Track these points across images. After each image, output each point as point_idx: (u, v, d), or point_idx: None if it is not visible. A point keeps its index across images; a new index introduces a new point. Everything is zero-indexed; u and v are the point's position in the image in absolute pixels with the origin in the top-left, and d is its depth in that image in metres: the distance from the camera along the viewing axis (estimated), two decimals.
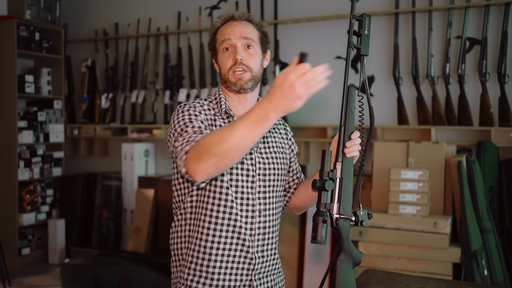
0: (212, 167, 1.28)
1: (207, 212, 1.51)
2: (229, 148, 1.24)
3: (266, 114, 1.20)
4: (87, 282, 3.36)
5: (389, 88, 3.89)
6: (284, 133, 1.72)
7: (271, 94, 1.19)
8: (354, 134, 1.42)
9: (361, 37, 1.40)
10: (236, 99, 1.60)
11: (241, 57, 1.54)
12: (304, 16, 4.16)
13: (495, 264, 3.06)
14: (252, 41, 1.57)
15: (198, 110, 1.52)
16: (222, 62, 1.57)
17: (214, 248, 1.51)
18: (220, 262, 1.52)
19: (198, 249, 1.52)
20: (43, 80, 4.96)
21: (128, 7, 5.07)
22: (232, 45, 1.56)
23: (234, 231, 1.52)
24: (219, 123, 1.55)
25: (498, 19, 3.50)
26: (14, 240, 4.60)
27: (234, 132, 1.23)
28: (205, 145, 1.28)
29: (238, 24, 1.58)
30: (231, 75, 1.55)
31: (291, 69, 1.17)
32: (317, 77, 1.19)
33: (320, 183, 1.31)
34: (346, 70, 1.38)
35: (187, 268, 1.54)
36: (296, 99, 1.18)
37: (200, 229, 1.52)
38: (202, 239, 1.52)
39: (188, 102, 1.56)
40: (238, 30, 1.56)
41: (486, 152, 3.33)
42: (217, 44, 1.60)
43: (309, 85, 1.18)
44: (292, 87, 1.16)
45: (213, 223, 1.51)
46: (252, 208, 1.54)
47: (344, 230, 1.36)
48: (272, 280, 1.63)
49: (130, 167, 4.70)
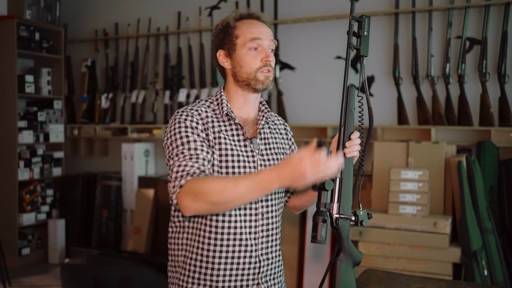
0: (204, 211, 1.37)
1: (207, 222, 1.49)
2: (227, 201, 1.33)
3: (271, 184, 1.29)
4: (87, 282, 3.36)
5: (389, 88, 3.89)
6: (285, 133, 1.71)
7: (281, 169, 1.28)
8: (354, 134, 1.42)
9: (361, 38, 1.41)
10: (242, 99, 1.58)
11: (272, 59, 1.55)
12: (304, 16, 4.16)
13: (495, 264, 3.06)
14: (274, 45, 1.58)
15: (195, 120, 1.49)
16: (248, 61, 1.54)
17: (216, 257, 1.49)
18: (224, 270, 1.50)
19: (200, 258, 1.50)
20: (43, 80, 4.96)
21: (128, 7, 5.07)
22: (261, 45, 1.54)
23: (235, 238, 1.50)
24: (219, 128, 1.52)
25: (498, 19, 3.50)
26: (14, 240, 4.60)
27: (236, 190, 1.31)
28: (204, 190, 1.34)
29: (263, 25, 1.58)
30: (260, 74, 1.53)
31: (308, 155, 1.25)
32: (328, 168, 1.27)
33: (320, 183, 1.32)
34: (345, 71, 1.38)
35: (190, 278, 1.51)
36: (302, 181, 1.27)
37: (201, 238, 1.50)
38: (203, 248, 1.50)
39: (186, 108, 1.53)
40: (267, 32, 1.56)
41: (486, 152, 3.33)
42: (240, 39, 1.55)
43: (319, 174, 1.26)
44: (303, 173, 1.25)
45: (213, 232, 1.49)
46: (255, 212, 1.52)
47: (344, 230, 1.36)
48: (279, 282, 1.62)
49: (130, 167, 4.70)
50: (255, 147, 1.55)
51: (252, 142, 1.55)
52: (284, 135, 1.71)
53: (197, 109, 1.53)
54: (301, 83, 4.23)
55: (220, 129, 1.53)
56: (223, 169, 1.49)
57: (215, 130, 1.51)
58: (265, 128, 1.62)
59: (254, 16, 1.58)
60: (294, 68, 4.26)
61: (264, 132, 1.61)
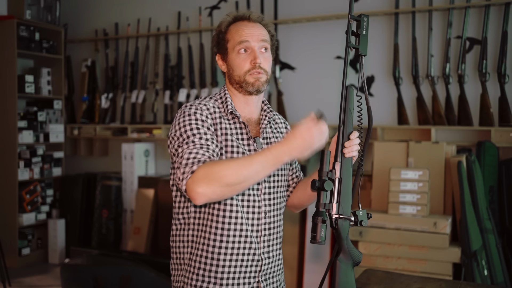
0: (218, 195, 1.33)
1: (213, 218, 1.50)
2: (242, 180, 1.33)
3: (282, 157, 1.33)
4: (87, 282, 3.36)
5: (389, 88, 3.88)
6: (286, 132, 1.71)
7: (291, 141, 1.33)
8: (353, 134, 1.42)
9: (360, 38, 1.40)
10: (243, 100, 1.58)
11: (260, 61, 1.52)
12: (304, 16, 4.16)
13: (495, 264, 3.06)
14: (268, 44, 1.55)
15: (205, 114, 1.49)
16: (238, 64, 1.54)
17: (222, 254, 1.50)
18: (229, 267, 1.51)
19: (206, 254, 1.51)
20: (43, 80, 4.95)
21: (128, 7, 5.07)
22: (250, 47, 1.53)
23: (241, 235, 1.51)
24: (225, 125, 1.52)
25: (498, 19, 3.50)
26: (14, 240, 4.60)
27: (251, 167, 1.32)
28: (218, 172, 1.31)
29: (254, 26, 1.55)
30: (249, 76, 1.52)
31: (314, 123, 1.35)
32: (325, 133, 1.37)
33: (319, 183, 1.32)
34: (344, 71, 1.38)
35: (195, 274, 1.52)
36: (309, 149, 1.35)
37: (207, 234, 1.51)
38: (209, 244, 1.50)
39: (194, 102, 1.52)
40: (256, 33, 1.54)
41: (486, 152, 3.33)
42: (230, 43, 1.55)
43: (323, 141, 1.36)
44: (312, 141, 1.34)
45: (219, 228, 1.49)
46: (258, 210, 1.53)
47: (343, 230, 1.35)
48: (278, 280, 1.63)
49: (130, 167, 4.70)
50: (258, 146, 1.56)
51: (256, 142, 1.56)
52: (286, 134, 1.71)
53: (205, 104, 1.53)
54: (301, 83, 4.23)
55: (226, 126, 1.53)
56: None
57: (222, 126, 1.52)
58: (268, 128, 1.63)
59: (244, 17, 1.57)
60: (294, 68, 4.26)
61: (266, 132, 1.62)
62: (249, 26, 1.55)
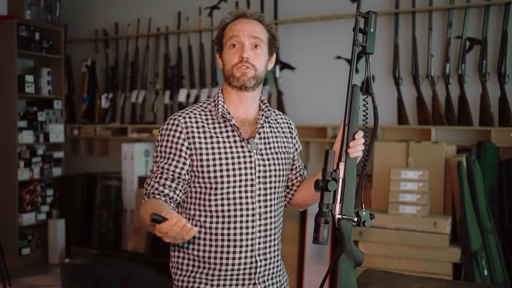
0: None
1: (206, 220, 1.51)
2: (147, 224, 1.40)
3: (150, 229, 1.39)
4: (87, 282, 3.36)
5: (389, 88, 3.89)
6: (288, 131, 1.70)
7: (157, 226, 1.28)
8: (358, 134, 1.40)
9: (367, 35, 1.38)
10: (237, 98, 1.57)
11: (247, 55, 1.51)
12: (304, 16, 4.16)
13: (495, 264, 3.06)
14: (260, 41, 1.55)
15: (179, 130, 1.51)
16: (227, 58, 1.55)
17: (212, 257, 1.51)
18: (219, 271, 1.51)
19: (198, 259, 1.52)
20: (43, 80, 4.95)
21: (128, 7, 5.07)
22: (240, 42, 1.53)
23: (235, 239, 1.51)
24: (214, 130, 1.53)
25: (498, 19, 3.50)
26: (14, 240, 4.60)
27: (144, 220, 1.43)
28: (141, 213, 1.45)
29: (249, 22, 1.56)
30: (236, 70, 1.52)
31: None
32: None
33: (323, 183, 1.30)
34: (351, 69, 1.36)
35: (186, 277, 1.54)
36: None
37: (196, 240, 1.52)
38: (199, 250, 1.52)
39: (176, 115, 1.54)
40: (248, 28, 1.54)
41: (486, 152, 3.33)
42: (224, 39, 1.57)
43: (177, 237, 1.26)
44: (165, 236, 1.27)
45: (208, 233, 1.51)
46: (252, 212, 1.52)
47: (346, 230, 1.35)
48: (278, 281, 1.62)
49: (130, 167, 4.70)
50: (253, 147, 1.54)
51: (249, 143, 1.55)
52: (288, 133, 1.70)
53: (188, 114, 1.54)
54: (301, 83, 4.23)
55: (215, 131, 1.53)
56: (218, 172, 1.49)
57: (206, 135, 1.52)
58: (265, 127, 1.61)
59: (244, 15, 1.59)
60: (294, 68, 4.26)
61: (264, 131, 1.60)
62: (243, 22, 1.56)
